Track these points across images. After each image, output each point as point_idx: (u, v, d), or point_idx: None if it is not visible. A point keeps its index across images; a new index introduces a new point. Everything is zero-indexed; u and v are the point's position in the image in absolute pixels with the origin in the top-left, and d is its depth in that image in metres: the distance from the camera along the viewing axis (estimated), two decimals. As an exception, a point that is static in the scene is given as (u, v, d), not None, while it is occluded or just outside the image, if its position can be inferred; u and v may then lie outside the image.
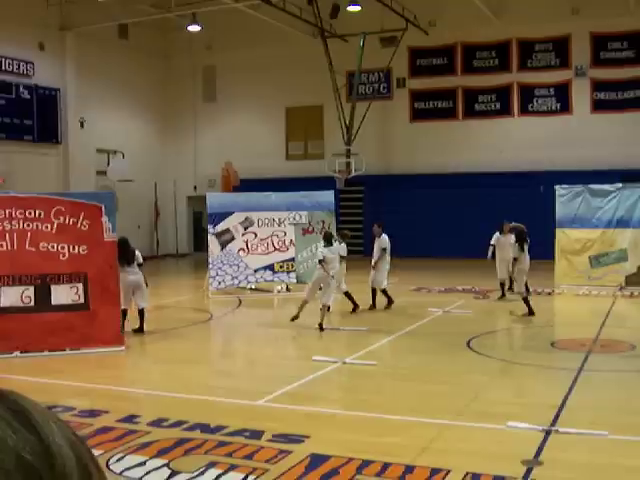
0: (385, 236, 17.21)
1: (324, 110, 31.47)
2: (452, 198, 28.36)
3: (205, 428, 8.25)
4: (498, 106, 30.18)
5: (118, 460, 7.28)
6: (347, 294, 16.81)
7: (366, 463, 7.08)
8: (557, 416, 8.57)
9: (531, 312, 15.72)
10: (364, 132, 29.65)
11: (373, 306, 17.04)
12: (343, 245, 16.51)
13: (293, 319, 15.02)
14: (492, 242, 18.86)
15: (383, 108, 30.88)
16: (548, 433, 7.97)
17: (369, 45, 29.09)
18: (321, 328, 14.44)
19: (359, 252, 24.72)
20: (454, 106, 30.64)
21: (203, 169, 33.33)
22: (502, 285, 18.52)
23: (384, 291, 17.11)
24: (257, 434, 7.99)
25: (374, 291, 17.09)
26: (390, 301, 17.08)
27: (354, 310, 16.59)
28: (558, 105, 29.58)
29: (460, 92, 30.49)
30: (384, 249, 17.11)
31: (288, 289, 20.40)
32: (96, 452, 7.22)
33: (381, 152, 30.75)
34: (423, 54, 30.82)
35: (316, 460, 7.20)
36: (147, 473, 6.96)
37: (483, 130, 29.86)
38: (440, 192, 28.56)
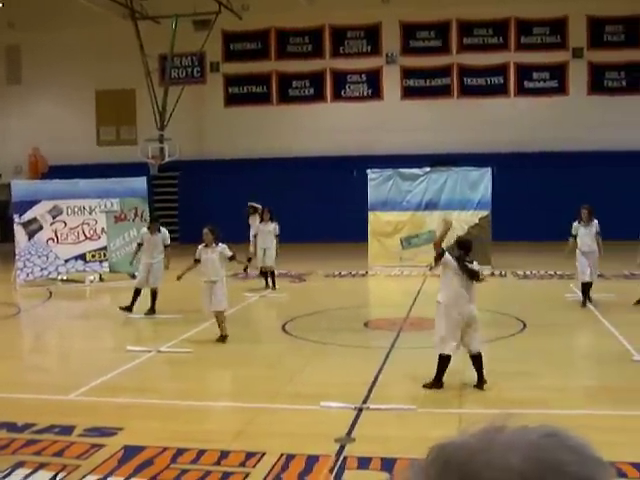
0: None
1: (136, 94, 30.68)
2: (269, 183, 28.46)
3: (12, 427, 7.83)
4: (312, 91, 30.59)
5: None
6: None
7: (181, 451, 6.99)
8: (369, 394, 8.80)
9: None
10: (178, 117, 29.21)
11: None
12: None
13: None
14: None
15: (197, 93, 30.54)
16: (360, 410, 8.16)
17: (182, 28, 28.60)
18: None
19: (174, 239, 24.32)
20: (268, 91, 30.78)
21: (8, 155, 31.61)
22: None
23: (272, 273, 17.78)
24: (67, 430, 7.69)
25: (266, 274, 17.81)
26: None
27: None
28: (370, 91, 30.36)
29: (274, 77, 30.65)
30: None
31: (101, 279, 19.79)
32: None
33: (196, 137, 30.43)
34: (237, 38, 30.71)
35: (130, 452, 7.04)
36: (-53, 478, 6.53)
37: (298, 115, 30.18)
38: (257, 177, 28.60)
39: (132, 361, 10.87)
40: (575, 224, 15.31)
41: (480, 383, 8.95)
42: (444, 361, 8.95)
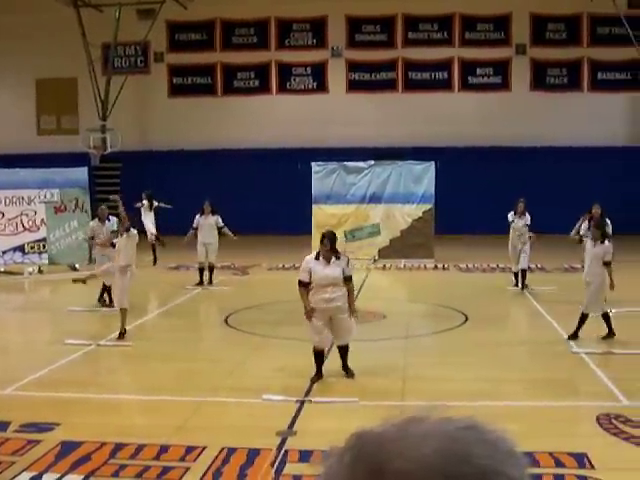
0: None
1: (78, 83, 30.13)
2: (213, 174, 28.24)
3: (-56, 426, 7.63)
4: (257, 83, 30.42)
5: None
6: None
7: (120, 446, 6.89)
8: (311, 387, 8.78)
9: None
10: (121, 107, 28.76)
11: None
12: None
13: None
14: None
15: (141, 83, 30.12)
16: (302, 403, 8.14)
17: (125, 17, 28.15)
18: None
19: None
20: (213, 82, 30.52)
21: (-57, 144, 30.86)
22: None
23: (211, 269, 17.24)
24: (3, 426, 7.52)
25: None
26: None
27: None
28: (315, 84, 30.32)
29: (219, 68, 30.40)
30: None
31: (40, 271, 19.38)
32: None
33: (139, 128, 30.02)
34: (182, 29, 30.36)
35: (67, 447, 6.92)
36: None
37: (243, 107, 29.97)
38: (201, 168, 28.37)
39: (71, 355, 10.68)
40: (510, 214, 16.42)
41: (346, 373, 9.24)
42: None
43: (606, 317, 11.09)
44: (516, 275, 16.44)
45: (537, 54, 29.30)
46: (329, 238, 9.20)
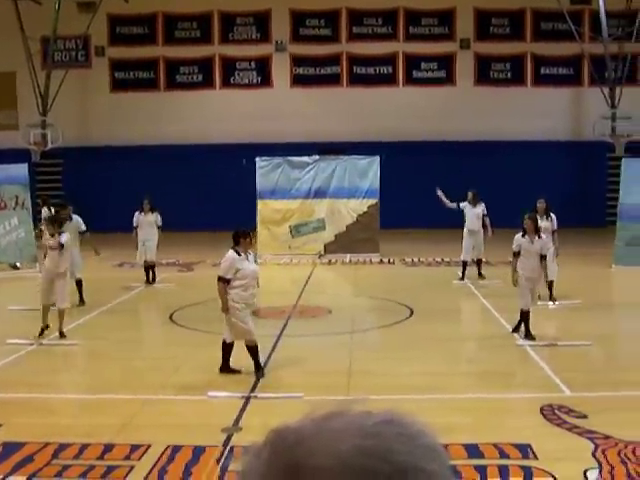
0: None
1: (17, 77, 29.53)
2: (157, 170, 27.95)
3: None
4: (200, 78, 30.17)
5: None
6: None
7: (63, 446, 6.79)
8: (256, 382, 8.75)
9: None
10: (61, 102, 28.26)
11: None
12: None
13: None
14: None
15: (82, 77, 29.60)
16: (248, 399, 8.10)
17: (65, 10, 27.63)
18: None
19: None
20: (156, 77, 30.18)
21: None
22: None
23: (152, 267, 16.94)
24: (-59, 428, 7.34)
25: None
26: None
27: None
28: (259, 79, 30.20)
29: (162, 62, 30.08)
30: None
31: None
32: None
33: (81, 123, 29.53)
34: (123, 22, 29.92)
35: (9, 449, 6.82)
36: None
37: (186, 102, 29.70)
38: (144, 164, 28.03)
39: (11, 354, 10.46)
40: (463, 203, 16.78)
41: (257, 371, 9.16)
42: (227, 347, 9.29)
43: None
44: (464, 265, 16.67)
45: (481, 49, 29.61)
46: (251, 234, 9.44)
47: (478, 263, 16.78)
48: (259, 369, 9.10)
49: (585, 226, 25.08)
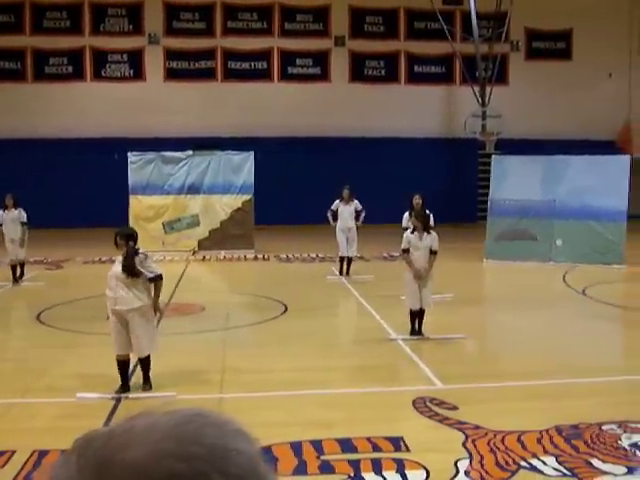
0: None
1: None
2: (24, 165, 26.90)
3: None
4: (70, 70, 29.32)
5: None
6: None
7: None
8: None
9: None
10: None
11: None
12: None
13: None
14: None
15: (-58, 66, 28.28)
16: (119, 400, 7.89)
17: None
18: None
19: None
20: (23, 68, 29.11)
21: None
22: None
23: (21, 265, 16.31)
24: None
25: None
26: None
27: None
28: (131, 72, 29.61)
29: (29, 53, 29.01)
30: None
31: None
32: None
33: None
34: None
35: None
36: None
37: (55, 94, 28.76)
38: (11, 159, 26.95)
39: None
40: (336, 202, 16.78)
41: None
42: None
43: (422, 312, 11.05)
44: (341, 260, 16.76)
45: (356, 46, 29.99)
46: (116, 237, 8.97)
47: (348, 262, 16.73)
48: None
49: (457, 222, 25.76)
